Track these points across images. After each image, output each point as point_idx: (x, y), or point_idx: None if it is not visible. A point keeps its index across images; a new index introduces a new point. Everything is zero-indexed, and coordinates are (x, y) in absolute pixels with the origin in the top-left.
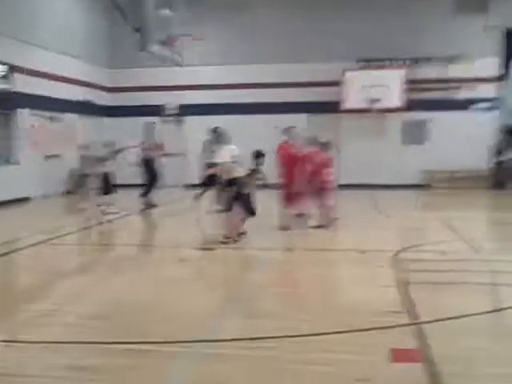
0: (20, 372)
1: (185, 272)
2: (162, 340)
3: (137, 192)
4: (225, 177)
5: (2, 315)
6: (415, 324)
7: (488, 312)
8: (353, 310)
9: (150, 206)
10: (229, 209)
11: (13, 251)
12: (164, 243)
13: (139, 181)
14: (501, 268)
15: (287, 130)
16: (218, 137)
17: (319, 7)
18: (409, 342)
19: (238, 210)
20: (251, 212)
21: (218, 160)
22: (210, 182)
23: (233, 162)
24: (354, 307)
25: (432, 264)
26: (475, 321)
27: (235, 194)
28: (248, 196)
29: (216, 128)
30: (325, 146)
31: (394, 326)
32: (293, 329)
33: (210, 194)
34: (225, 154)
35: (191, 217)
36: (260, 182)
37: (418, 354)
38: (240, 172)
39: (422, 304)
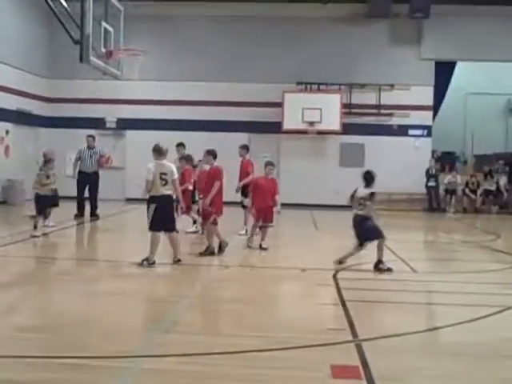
0: None
1: (124, 287)
2: (100, 355)
3: (72, 204)
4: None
5: None
6: (354, 341)
7: (424, 331)
8: (292, 326)
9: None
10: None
11: None
12: (102, 257)
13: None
14: (436, 288)
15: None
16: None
17: (263, 31)
18: (349, 359)
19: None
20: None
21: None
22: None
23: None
24: (293, 324)
25: (370, 283)
26: (412, 339)
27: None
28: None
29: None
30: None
31: (333, 344)
32: (232, 345)
33: None
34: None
35: (130, 231)
36: None
37: (358, 371)
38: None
39: (361, 322)
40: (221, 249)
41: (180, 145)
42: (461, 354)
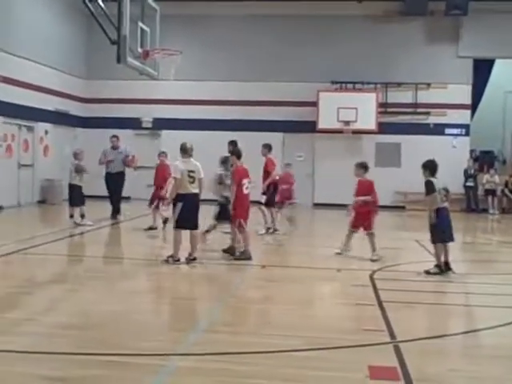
0: None
1: (156, 285)
2: (137, 352)
3: (104, 203)
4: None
5: None
6: (392, 343)
7: (463, 333)
8: (329, 327)
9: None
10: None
11: None
12: (133, 256)
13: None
14: (475, 290)
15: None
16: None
17: (297, 30)
18: (386, 360)
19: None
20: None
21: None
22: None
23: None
24: (330, 325)
25: (408, 284)
26: (450, 341)
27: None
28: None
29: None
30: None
31: (371, 345)
32: (269, 344)
33: None
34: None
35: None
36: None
37: (396, 372)
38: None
39: (398, 323)
40: (232, 253)
41: (231, 142)
42: (499, 356)
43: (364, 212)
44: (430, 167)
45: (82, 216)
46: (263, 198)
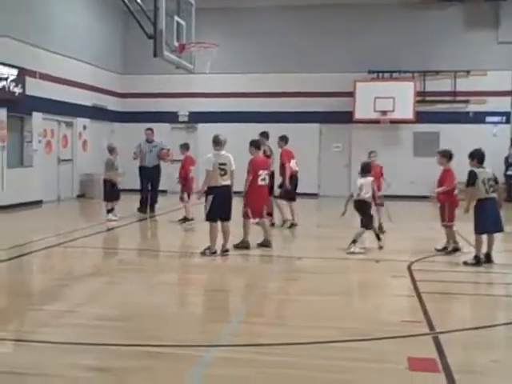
0: (38, 371)
1: (193, 277)
2: (176, 343)
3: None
4: None
5: (16, 316)
6: (431, 334)
7: (502, 324)
8: (368, 318)
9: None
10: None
11: (27, 253)
12: (168, 248)
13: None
14: None
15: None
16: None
17: (332, 19)
18: (426, 352)
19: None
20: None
21: None
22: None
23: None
24: (369, 316)
25: (446, 274)
26: (490, 332)
27: None
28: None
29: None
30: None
31: (410, 336)
32: (307, 335)
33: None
34: None
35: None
36: None
37: (436, 364)
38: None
39: (437, 314)
40: (237, 246)
41: (262, 134)
42: None
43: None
44: (478, 156)
45: (108, 211)
46: (277, 191)
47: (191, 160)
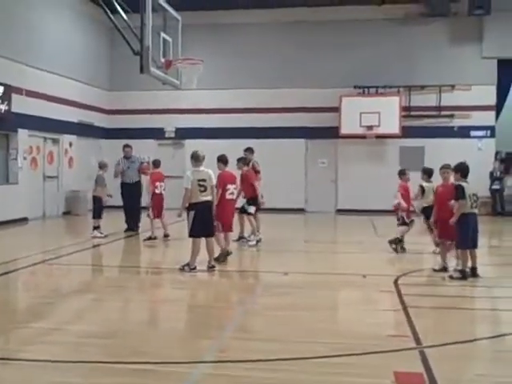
0: None
1: (181, 294)
2: (163, 360)
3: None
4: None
5: (2, 334)
6: (418, 348)
7: (490, 337)
8: (355, 333)
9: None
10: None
11: (12, 271)
12: (158, 265)
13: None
14: (501, 294)
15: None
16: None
17: (317, 35)
18: (412, 366)
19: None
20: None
21: None
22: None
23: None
24: (356, 330)
25: (432, 289)
26: (477, 346)
27: None
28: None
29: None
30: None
31: (397, 350)
32: (294, 351)
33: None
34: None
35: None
36: None
37: (422, 378)
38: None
39: (424, 328)
40: (217, 259)
41: (247, 149)
42: None
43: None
44: (462, 170)
45: (95, 227)
46: (251, 208)
47: (159, 175)
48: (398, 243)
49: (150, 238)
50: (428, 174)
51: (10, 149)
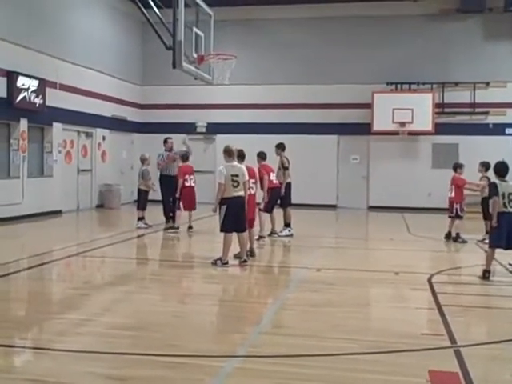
0: (56, 379)
1: (213, 288)
2: (194, 354)
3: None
4: None
5: (36, 324)
6: (453, 347)
7: None
8: (388, 331)
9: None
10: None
11: (47, 262)
12: (192, 259)
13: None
14: None
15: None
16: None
17: (350, 31)
18: (447, 365)
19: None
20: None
21: None
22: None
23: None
24: (388, 328)
25: (466, 287)
26: None
27: None
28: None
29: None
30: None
31: (431, 349)
32: (327, 347)
33: None
34: None
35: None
36: None
37: (457, 377)
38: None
39: (458, 327)
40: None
41: (278, 145)
42: None
43: None
44: (497, 169)
45: (139, 219)
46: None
47: (188, 168)
48: (456, 239)
49: (172, 228)
50: (486, 167)
51: (44, 142)
